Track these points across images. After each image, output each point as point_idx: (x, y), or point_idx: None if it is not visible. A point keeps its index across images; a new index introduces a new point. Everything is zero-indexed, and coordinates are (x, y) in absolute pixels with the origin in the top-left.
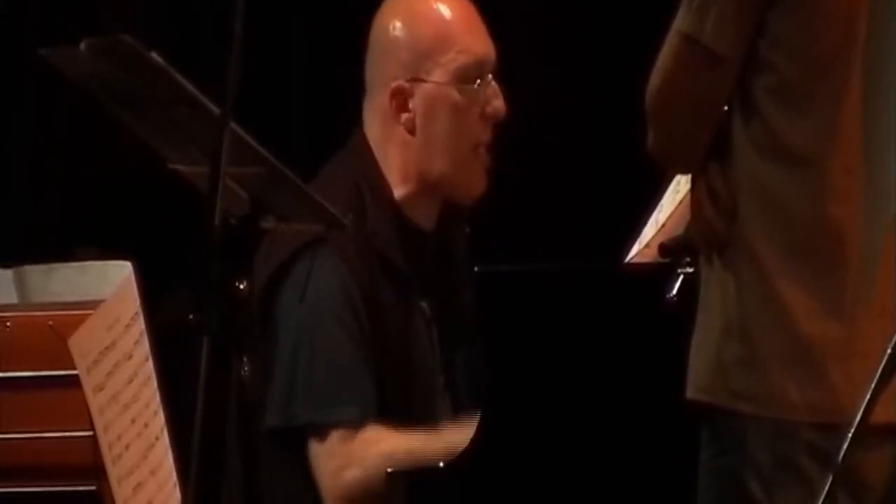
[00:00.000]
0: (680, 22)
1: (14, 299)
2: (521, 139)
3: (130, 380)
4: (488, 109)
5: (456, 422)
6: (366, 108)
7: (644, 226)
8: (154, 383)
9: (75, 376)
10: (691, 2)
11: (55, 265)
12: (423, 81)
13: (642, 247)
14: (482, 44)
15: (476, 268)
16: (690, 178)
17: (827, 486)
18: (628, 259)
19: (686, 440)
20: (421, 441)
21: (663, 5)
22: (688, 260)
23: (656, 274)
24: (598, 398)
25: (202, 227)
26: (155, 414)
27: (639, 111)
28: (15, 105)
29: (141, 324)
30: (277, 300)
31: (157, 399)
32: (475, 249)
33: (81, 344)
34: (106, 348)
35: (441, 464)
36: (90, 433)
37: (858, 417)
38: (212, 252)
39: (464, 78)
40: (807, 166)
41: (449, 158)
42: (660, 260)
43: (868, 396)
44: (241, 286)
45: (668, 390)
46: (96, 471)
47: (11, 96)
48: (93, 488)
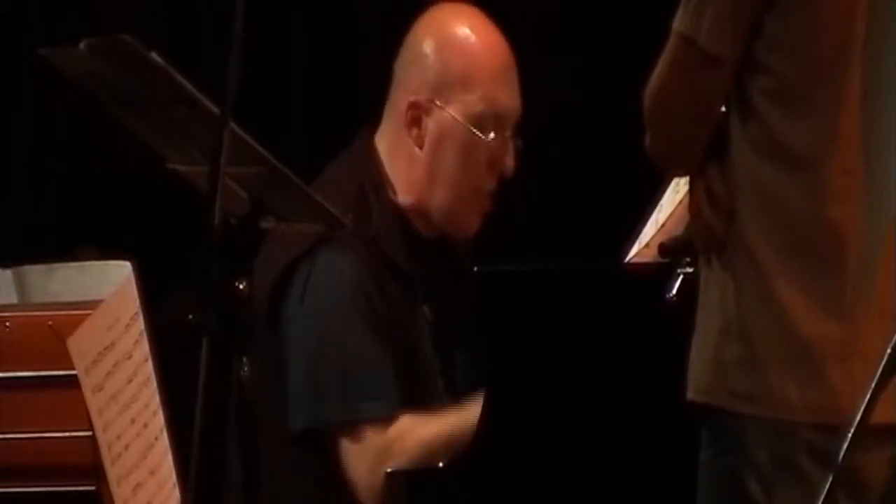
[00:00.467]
0: (677, 23)
1: (14, 299)
2: (521, 139)
3: (130, 380)
4: (496, 164)
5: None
6: (389, 99)
7: (644, 226)
8: (153, 383)
9: (75, 376)
10: (688, 2)
11: (55, 265)
12: (441, 108)
13: (642, 247)
14: (508, 98)
15: (476, 268)
16: (689, 179)
17: (827, 487)
18: (628, 259)
19: (686, 440)
20: (453, 422)
21: (664, 5)
22: (687, 260)
23: (656, 274)
24: (599, 398)
25: (202, 227)
26: (154, 414)
27: (639, 111)
28: (15, 105)
29: (140, 324)
30: (286, 301)
31: (157, 399)
32: (475, 249)
33: (80, 344)
34: (105, 348)
35: (441, 464)
36: (90, 433)
37: (858, 417)
38: (212, 252)
39: (479, 125)
40: (806, 167)
41: (449, 192)
42: (660, 260)
43: (868, 397)
44: (241, 286)
45: (668, 390)
46: (96, 471)
47: (11, 96)
48: (92, 488)
